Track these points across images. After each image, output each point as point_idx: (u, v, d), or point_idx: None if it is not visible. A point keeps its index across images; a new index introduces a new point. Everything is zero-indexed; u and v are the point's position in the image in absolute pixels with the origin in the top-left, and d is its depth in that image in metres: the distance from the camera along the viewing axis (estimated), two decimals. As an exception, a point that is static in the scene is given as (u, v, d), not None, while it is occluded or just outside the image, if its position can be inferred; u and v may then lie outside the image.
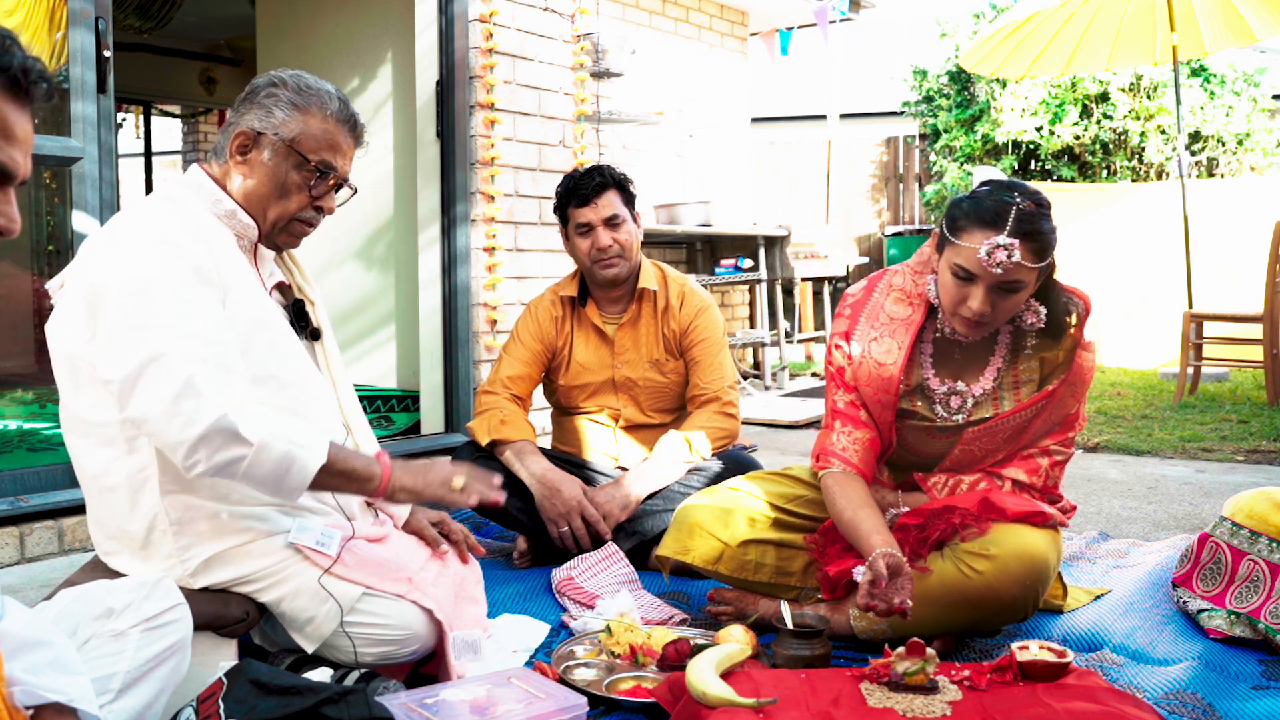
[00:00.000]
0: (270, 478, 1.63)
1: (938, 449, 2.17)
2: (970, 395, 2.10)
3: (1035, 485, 2.09)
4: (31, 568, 2.76)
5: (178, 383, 1.58)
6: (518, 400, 2.84)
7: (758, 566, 2.19)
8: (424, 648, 1.84)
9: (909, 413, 2.15)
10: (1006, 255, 1.89)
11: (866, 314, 2.16)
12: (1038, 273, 1.96)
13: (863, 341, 2.13)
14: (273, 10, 5.17)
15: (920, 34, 11.88)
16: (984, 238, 1.91)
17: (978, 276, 1.93)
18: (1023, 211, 1.91)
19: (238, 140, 1.82)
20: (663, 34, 5.52)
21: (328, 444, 1.69)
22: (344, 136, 1.86)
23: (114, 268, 1.66)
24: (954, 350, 2.13)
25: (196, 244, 1.71)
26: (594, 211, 2.75)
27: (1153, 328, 7.48)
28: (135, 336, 1.61)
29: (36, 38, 2.86)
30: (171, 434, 1.58)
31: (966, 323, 2.00)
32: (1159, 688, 1.82)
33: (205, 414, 1.57)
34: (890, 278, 2.19)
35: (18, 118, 1.10)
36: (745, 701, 1.59)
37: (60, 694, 1.18)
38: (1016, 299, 1.97)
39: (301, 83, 1.84)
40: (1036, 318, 2.03)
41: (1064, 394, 2.07)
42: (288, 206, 1.84)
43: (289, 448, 1.62)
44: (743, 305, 6.61)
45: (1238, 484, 3.68)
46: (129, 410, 1.62)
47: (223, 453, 1.59)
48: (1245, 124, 9.65)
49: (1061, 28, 6.65)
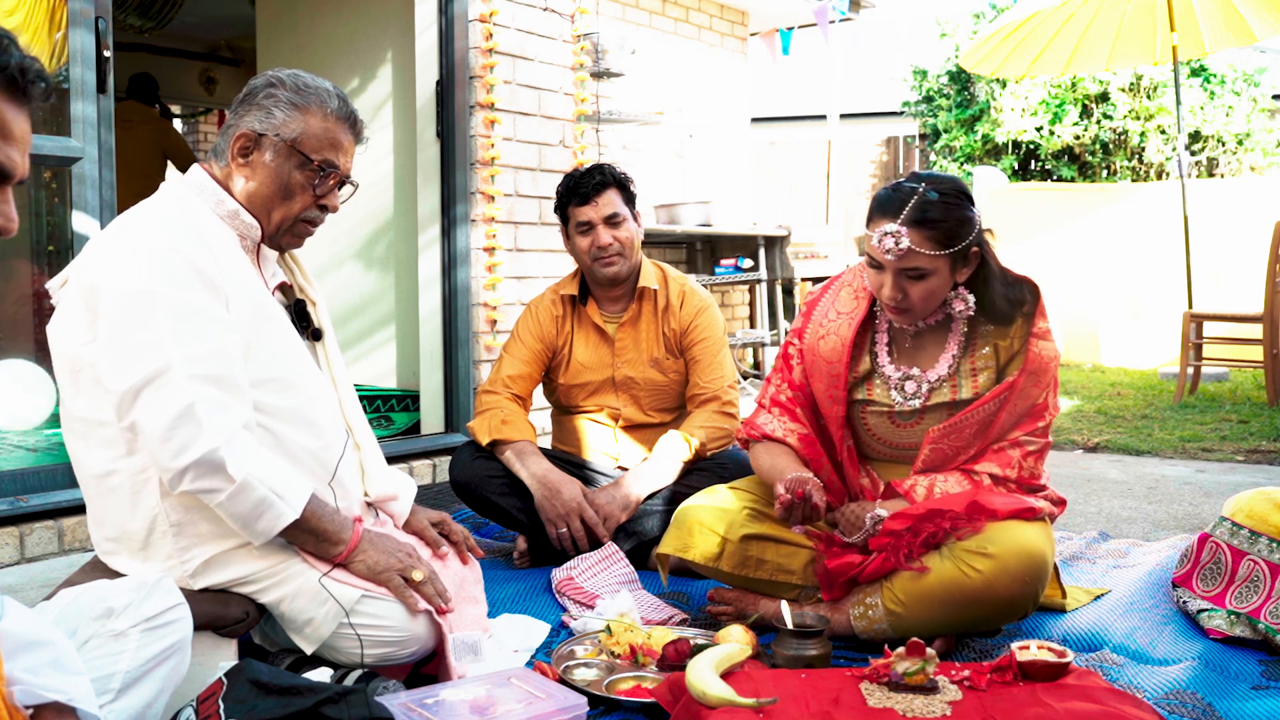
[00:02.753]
0: (243, 516, 1.68)
1: (905, 438, 2.18)
2: (925, 380, 2.14)
3: (1010, 477, 2.10)
4: (31, 568, 2.76)
5: (178, 406, 1.61)
6: (518, 400, 2.84)
7: (758, 563, 2.19)
8: (424, 649, 1.84)
9: (868, 401, 2.19)
10: (894, 242, 1.97)
11: (818, 312, 2.24)
12: (948, 260, 2.00)
13: (813, 338, 2.22)
14: (273, 10, 5.17)
15: (920, 34, 11.89)
16: (878, 225, 1.99)
17: (882, 264, 2.01)
18: (921, 200, 1.97)
19: (239, 142, 1.81)
20: (663, 34, 5.52)
21: (307, 500, 1.73)
22: (345, 134, 1.87)
23: (116, 272, 1.66)
24: (907, 338, 2.18)
25: (199, 247, 1.72)
26: (594, 210, 2.75)
27: (1153, 328, 7.49)
28: (139, 348, 1.62)
29: (36, 38, 2.86)
30: (164, 457, 1.63)
31: (889, 310, 2.08)
32: (1159, 688, 1.82)
33: (199, 445, 1.61)
34: (846, 275, 2.27)
35: (15, 117, 1.10)
36: (745, 701, 1.59)
37: (60, 694, 1.18)
38: (929, 285, 2.01)
39: (300, 82, 1.84)
40: (965, 305, 2.07)
41: (1025, 384, 2.08)
42: (292, 207, 1.84)
43: (268, 494, 1.67)
44: (743, 305, 6.61)
45: (1238, 484, 3.68)
46: (127, 420, 1.65)
47: (204, 481, 1.64)
48: (1245, 124, 9.66)
49: (1061, 28, 6.65)
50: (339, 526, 1.78)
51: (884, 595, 2.02)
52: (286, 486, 1.70)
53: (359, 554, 1.79)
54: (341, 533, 1.78)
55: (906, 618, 1.99)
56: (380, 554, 1.81)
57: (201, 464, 1.62)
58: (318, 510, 1.75)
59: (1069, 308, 7.87)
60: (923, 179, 2.02)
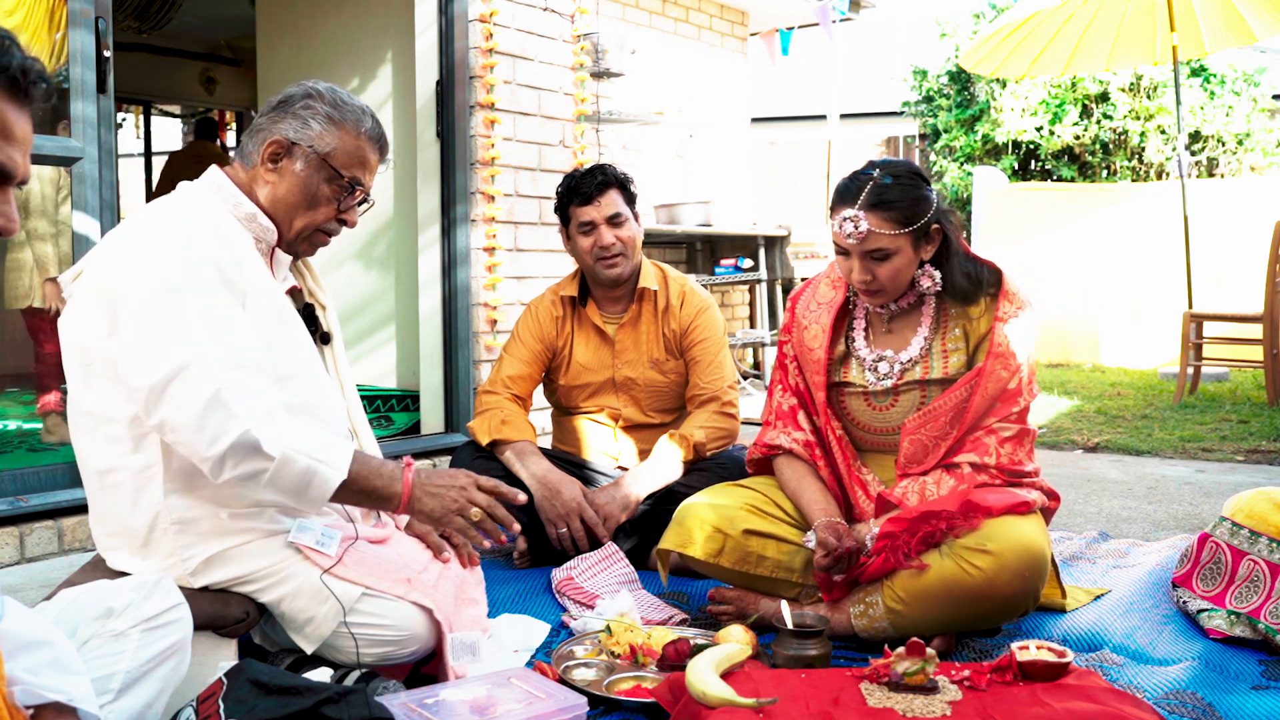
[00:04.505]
0: (291, 490, 1.67)
1: (882, 421, 2.23)
2: (897, 361, 2.21)
3: (990, 465, 2.11)
4: (31, 568, 2.76)
5: (206, 395, 1.60)
6: (518, 400, 2.84)
7: (759, 559, 2.19)
8: (423, 648, 1.84)
9: (844, 383, 2.26)
10: (854, 226, 2.07)
11: (800, 307, 2.34)
12: (909, 239, 2.09)
13: (798, 331, 2.31)
14: (273, 10, 5.17)
15: (920, 34, 11.89)
16: (839, 212, 2.09)
17: (848, 250, 2.10)
18: (877, 185, 2.07)
19: (270, 148, 1.83)
20: (663, 34, 5.52)
21: (350, 458, 1.70)
22: (373, 154, 1.90)
23: (138, 268, 1.67)
24: (882, 322, 2.25)
25: (220, 246, 1.73)
26: (597, 210, 2.75)
27: (1152, 328, 7.49)
28: (163, 344, 1.62)
29: (36, 38, 2.86)
30: (200, 447, 1.62)
31: (862, 293, 2.17)
32: (1159, 688, 1.82)
33: (231, 429, 1.60)
34: (824, 271, 2.35)
35: (17, 118, 1.10)
36: (745, 701, 1.59)
37: (60, 694, 1.18)
38: (894, 265, 2.10)
39: (337, 98, 1.87)
40: (931, 281, 2.15)
41: (994, 368, 2.11)
42: (315, 217, 1.86)
43: (310, 463, 1.65)
44: (743, 305, 6.61)
45: (1238, 484, 3.68)
46: (156, 418, 1.64)
47: (245, 465, 1.63)
48: (1245, 124, 9.66)
49: (1061, 28, 6.65)
50: (388, 480, 1.74)
51: (885, 594, 2.02)
52: (327, 450, 1.68)
53: (415, 503, 1.76)
54: (392, 485, 1.74)
55: (908, 616, 2.00)
56: (436, 500, 1.76)
57: (237, 448, 1.61)
58: (363, 468, 1.72)
59: (1069, 308, 7.87)
60: (878, 165, 2.12)
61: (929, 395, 2.18)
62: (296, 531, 1.79)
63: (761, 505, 2.25)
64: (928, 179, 2.14)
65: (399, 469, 1.77)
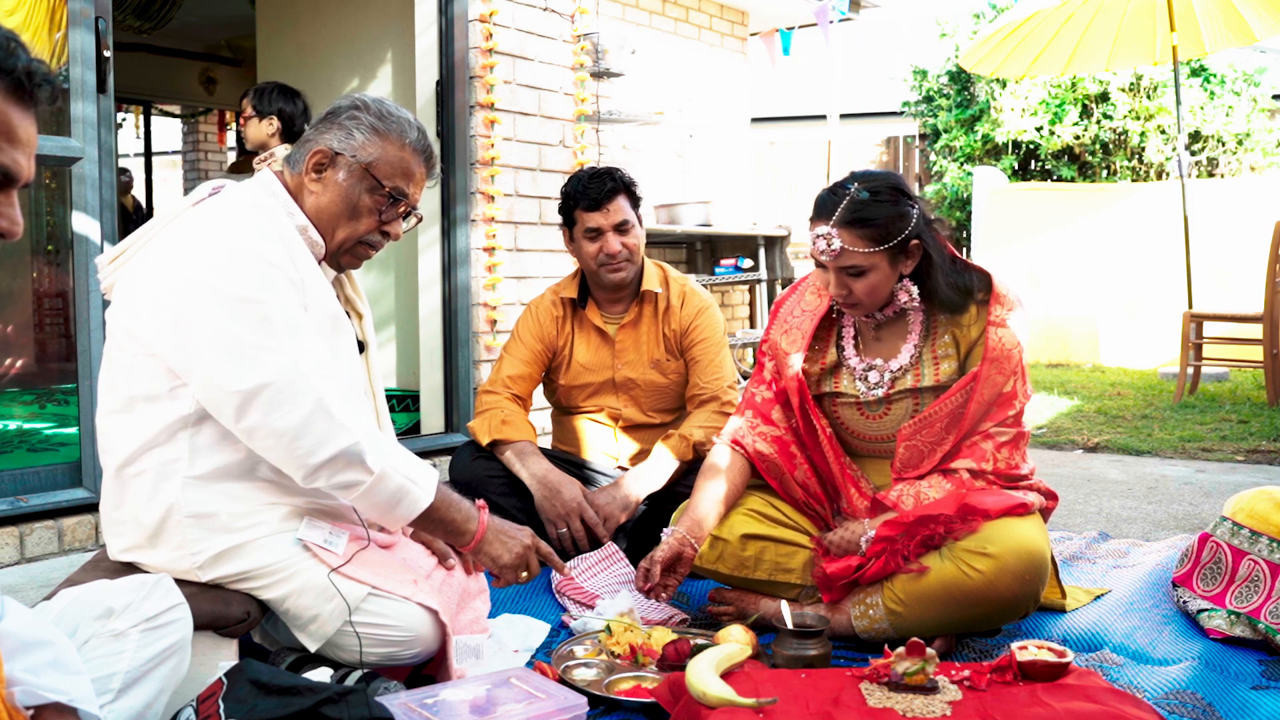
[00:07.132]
0: (381, 505, 1.73)
1: (876, 430, 2.22)
2: (888, 370, 2.19)
3: (987, 470, 2.10)
4: (31, 568, 2.76)
5: (308, 403, 1.64)
6: (518, 400, 2.84)
7: (757, 562, 2.19)
8: (427, 650, 1.84)
9: (836, 393, 2.25)
10: (827, 244, 2.05)
11: (784, 310, 2.33)
12: (885, 256, 2.06)
13: (778, 334, 2.30)
14: (273, 10, 5.17)
15: (920, 34, 11.88)
16: (815, 228, 2.08)
17: (823, 263, 2.08)
18: (852, 201, 2.04)
19: (315, 158, 1.85)
20: (663, 34, 5.52)
21: (436, 485, 1.78)
22: (418, 166, 1.91)
23: (216, 274, 1.67)
24: (871, 331, 2.24)
25: (286, 257, 1.75)
26: (605, 217, 2.73)
27: (1152, 328, 7.49)
28: (253, 351, 1.64)
29: (37, 38, 2.86)
30: (298, 453, 1.65)
31: (840, 305, 2.16)
32: (1159, 688, 1.82)
33: (337, 439, 1.65)
34: (811, 277, 2.33)
35: (21, 120, 1.10)
36: (745, 701, 1.59)
37: (60, 694, 1.18)
38: (870, 281, 2.08)
39: (384, 109, 1.88)
40: (909, 296, 2.13)
41: (989, 373, 2.10)
42: (356, 228, 1.87)
43: (404, 482, 1.73)
44: (743, 305, 6.61)
45: (1238, 484, 3.68)
46: (246, 422, 1.65)
47: (344, 475, 1.68)
48: (1245, 124, 9.66)
49: (1061, 28, 6.65)
50: (465, 516, 1.84)
51: (885, 595, 2.02)
52: (419, 473, 1.76)
53: (485, 545, 1.85)
54: (468, 522, 1.84)
55: (908, 617, 2.00)
56: (504, 549, 1.87)
57: (339, 458, 1.65)
58: (446, 498, 1.81)
59: (1069, 308, 7.87)
60: (858, 178, 2.09)
61: (922, 403, 2.17)
62: (305, 529, 1.79)
63: (759, 509, 2.25)
64: (909, 193, 2.11)
65: (474, 509, 1.86)
